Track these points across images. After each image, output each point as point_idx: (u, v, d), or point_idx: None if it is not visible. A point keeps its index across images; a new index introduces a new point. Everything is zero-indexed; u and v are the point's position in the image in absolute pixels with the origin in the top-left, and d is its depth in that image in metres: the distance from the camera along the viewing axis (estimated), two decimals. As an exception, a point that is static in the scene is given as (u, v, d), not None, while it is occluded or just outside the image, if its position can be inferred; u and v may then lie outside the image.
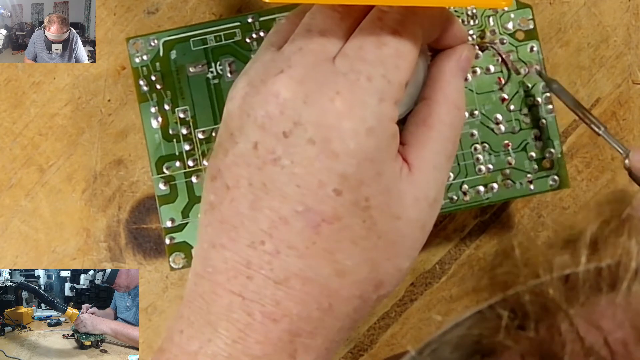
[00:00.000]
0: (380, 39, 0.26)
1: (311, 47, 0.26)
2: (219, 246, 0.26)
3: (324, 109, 0.25)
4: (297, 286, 0.25)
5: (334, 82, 0.25)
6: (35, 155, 0.38)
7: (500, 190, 0.34)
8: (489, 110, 0.34)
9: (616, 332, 0.17)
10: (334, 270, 0.25)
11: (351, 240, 0.25)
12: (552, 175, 0.34)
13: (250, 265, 0.25)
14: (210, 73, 0.34)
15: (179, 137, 0.34)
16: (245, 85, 0.26)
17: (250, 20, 0.34)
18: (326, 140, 0.25)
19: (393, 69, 0.26)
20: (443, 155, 0.28)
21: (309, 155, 0.25)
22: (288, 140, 0.25)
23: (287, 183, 0.25)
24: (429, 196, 0.27)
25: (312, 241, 0.25)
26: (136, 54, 0.34)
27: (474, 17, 0.34)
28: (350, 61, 0.26)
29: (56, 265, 0.38)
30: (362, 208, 0.25)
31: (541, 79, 0.34)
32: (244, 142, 0.26)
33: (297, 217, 0.25)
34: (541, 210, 0.38)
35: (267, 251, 0.25)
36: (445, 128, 0.28)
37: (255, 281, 0.25)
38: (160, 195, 0.34)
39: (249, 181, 0.25)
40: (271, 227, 0.25)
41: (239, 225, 0.26)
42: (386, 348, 0.38)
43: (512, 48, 0.34)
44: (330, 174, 0.25)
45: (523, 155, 0.34)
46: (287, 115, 0.25)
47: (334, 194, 0.25)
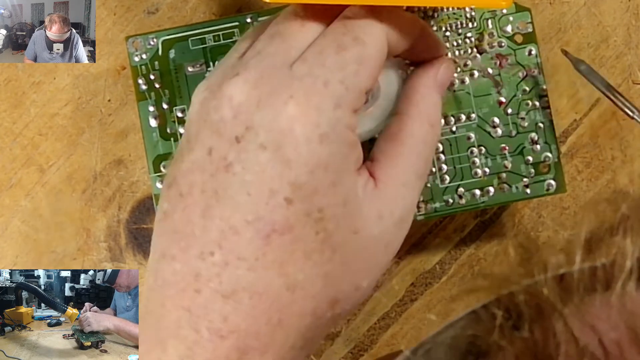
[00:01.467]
0: (341, 44, 0.25)
1: (269, 51, 0.25)
2: (169, 257, 0.25)
3: (276, 112, 0.24)
4: (246, 300, 0.24)
5: (289, 86, 0.24)
6: (35, 155, 0.38)
7: (496, 194, 0.34)
8: (485, 114, 0.34)
9: (610, 333, 0.17)
10: (284, 283, 0.24)
11: (303, 252, 0.24)
12: (548, 179, 0.34)
13: (199, 277, 0.24)
14: (209, 72, 0.34)
15: (177, 136, 0.34)
16: (204, 89, 0.26)
17: (248, 21, 0.34)
18: (278, 145, 0.24)
19: (352, 75, 0.25)
20: (413, 173, 0.27)
21: (260, 161, 0.24)
22: (240, 145, 0.24)
23: (239, 191, 0.24)
24: (394, 213, 0.26)
25: (262, 252, 0.24)
26: (135, 52, 0.34)
27: (472, 20, 0.34)
28: (308, 66, 0.25)
29: (56, 265, 0.38)
30: (315, 219, 0.24)
31: (568, 59, 0.33)
32: (199, 148, 0.25)
33: (247, 227, 0.24)
34: (541, 210, 0.38)
35: (216, 263, 0.24)
36: (417, 144, 0.27)
37: (203, 295, 0.24)
38: (157, 194, 0.34)
39: (202, 189, 0.25)
40: (221, 237, 0.24)
41: (190, 235, 0.25)
42: (386, 348, 0.38)
43: (510, 51, 0.34)
44: (281, 182, 0.24)
45: (520, 159, 0.34)
46: (240, 119, 0.24)
47: (285, 203, 0.24)
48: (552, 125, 0.34)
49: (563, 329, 0.17)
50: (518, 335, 0.18)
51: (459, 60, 0.34)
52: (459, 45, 0.34)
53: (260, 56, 0.25)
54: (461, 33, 0.34)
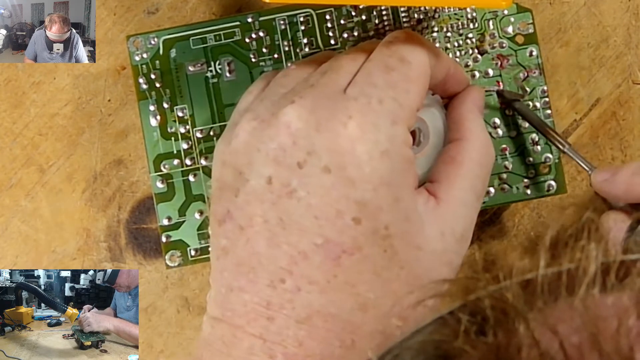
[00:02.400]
0: (388, 65, 0.26)
1: (322, 82, 0.26)
2: (237, 289, 0.25)
3: (336, 134, 0.24)
4: (320, 323, 0.24)
5: (345, 107, 0.25)
6: (35, 155, 0.38)
7: (497, 194, 0.34)
8: (487, 115, 0.34)
9: (572, 337, 0.17)
10: (356, 303, 0.24)
11: (373, 271, 0.25)
12: (549, 180, 0.34)
13: (271, 305, 0.24)
14: (210, 72, 0.34)
15: (177, 135, 0.34)
16: (252, 119, 0.26)
17: (249, 20, 0.34)
18: (341, 167, 0.24)
19: (403, 93, 0.26)
20: (472, 193, 0.28)
21: (324, 184, 0.24)
22: (303, 170, 0.24)
23: (305, 215, 0.24)
24: (455, 231, 0.27)
25: (334, 274, 0.24)
26: (136, 51, 0.34)
27: (474, 21, 0.34)
28: (360, 87, 0.25)
29: (56, 265, 0.38)
30: (382, 237, 0.24)
31: (501, 99, 0.34)
32: (255, 179, 0.25)
33: (316, 251, 0.24)
34: (541, 210, 0.38)
35: (288, 289, 0.24)
36: (475, 166, 0.28)
37: (276, 322, 0.24)
38: (157, 193, 0.34)
39: (264, 218, 0.25)
40: (290, 264, 0.24)
41: (257, 266, 0.25)
42: (386, 348, 0.38)
43: (511, 52, 0.34)
44: (348, 202, 0.24)
45: (520, 160, 0.34)
46: (301, 145, 0.24)
47: (353, 223, 0.24)
48: (553, 126, 0.34)
49: (525, 333, 0.17)
50: (483, 339, 0.18)
51: (460, 61, 0.34)
52: (460, 46, 0.34)
53: (314, 87, 0.26)
54: (462, 34, 0.34)
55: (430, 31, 0.34)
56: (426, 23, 0.34)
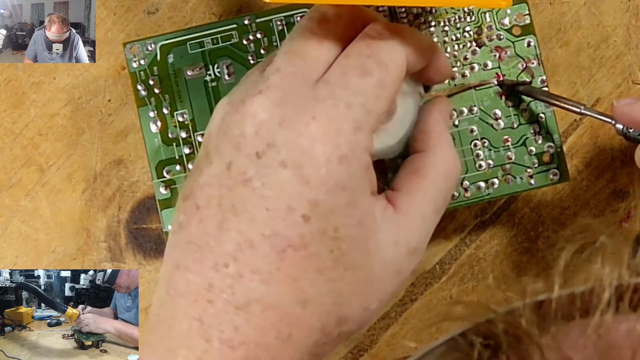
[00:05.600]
0: (366, 67, 0.26)
1: (289, 70, 0.26)
2: (183, 268, 0.25)
3: (298, 132, 0.24)
4: (257, 312, 0.25)
5: (312, 107, 0.25)
6: (35, 155, 0.38)
7: (501, 185, 0.34)
8: (487, 106, 0.34)
9: None
10: (296, 298, 0.25)
11: (317, 269, 0.25)
12: (552, 169, 0.34)
13: (212, 288, 0.25)
14: (208, 76, 0.34)
15: (179, 140, 0.34)
16: (226, 104, 0.26)
17: (246, 22, 0.34)
18: (298, 164, 0.24)
19: (373, 99, 0.26)
20: (432, 206, 0.28)
21: (280, 178, 0.24)
22: (260, 161, 0.25)
23: (257, 205, 0.25)
24: (409, 243, 0.27)
25: (277, 267, 0.24)
26: (133, 58, 0.34)
27: (471, 14, 0.34)
28: (331, 87, 0.25)
29: (56, 265, 0.38)
30: (330, 237, 0.25)
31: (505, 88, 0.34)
32: (218, 162, 0.25)
33: (263, 241, 0.24)
34: (541, 210, 0.38)
35: (230, 274, 0.25)
36: (439, 179, 0.28)
37: (215, 305, 0.25)
38: (161, 200, 0.34)
39: (219, 201, 0.25)
40: (236, 250, 0.25)
41: (205, 247, 0.25)
42: (386, 348, 0.38)
43: (509, 43, 0.34)
44: (300, 200, 0.24)
45: (523, 150, 0.34)
46: (262, 136, 0.25)
47: (302, 220, 0.24)
48: (554, 115, 0.34)
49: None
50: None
51: (459, 54, 0.34)
52: (458, 39, 0.34)
53: (281, 74, 0.26)
54: (460, 27, 0.34)
55: (427, 25, 0.34)
56: (423, 18, 0.34)
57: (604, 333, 0.18)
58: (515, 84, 0.34)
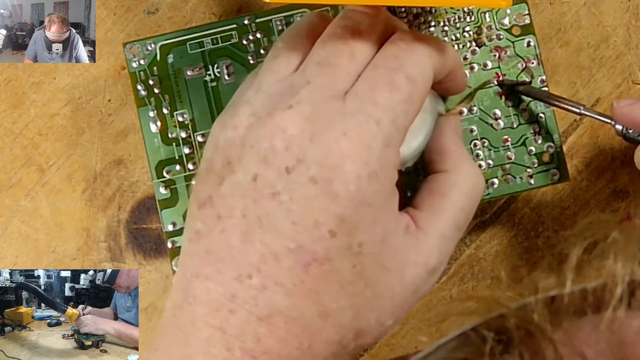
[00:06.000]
0: (394, 82, 0.26)
1: (320, 82, 0.26)
2: (203, 277, 0.25)
3: (329, 149, 0.24)
4: (280, 324, 0.25)
5: (342, 123, 0.25)
6: (35, 155, 0.38)
7: (501, 185, 0.34)
8: (487, 106, 0.34)
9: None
10: (317, 311, 0.25)
11: (339, 283, 0.25)
12: (552, 169, 0.34)
13: (235, 299, 0.25)
14: (208, 76, 0.34)
15: (179, 140, 0.34)
16: (250, 115, 0.26)
17: (246, 22, 0.34)
18: (328, 180, 0.24)
19: (402, 115, 0.26)
20: (454, 226, 0.28)
21: (308, 193, 0.24)
22: (290, 176, 0.25)
23: (283, 219, 0.25)
24: (428, 263, 0.27)
25: (301, 280, 0.25)
26: (133, 58, 0.34)
27: (470, 14, 0.34)
28: (360, 102, 0.25)
29: (56, 265, 0.38)
30: (354, 253, 0.25)
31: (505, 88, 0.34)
32: (242, 173, 0.25)
33: (288, 254, 0.25)
34: (541, 210, 0.38)
35: (254, 286, 0.25)
36: (462, 198, 0.28)
37: (238, 316, 0.25)
38: (161, 200, 0.34)
39: (243, 213, 0.25)
40: (260, 262, 0.25)
41: (227, 257, 0.25)
42: (386, 348, 0.38)
43: (508, 43, 0.34)
44: (327, 215, 0.24)
45: (522, 150, 0.34)
46: (292, 151, 0.25)
47: (328, 235, 0.24)
48: (553, 115, 0.34)
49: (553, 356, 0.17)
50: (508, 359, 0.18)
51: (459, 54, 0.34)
52: (458, 39, 0.34)
53: (311, 87, 0.26)
54: (459, 27, 0.34)
55: (427, 25, 0.34)
56: (423, 18, 0.34)
57: (617, 329, 0.18)
58: (515, 84, 0.34)
